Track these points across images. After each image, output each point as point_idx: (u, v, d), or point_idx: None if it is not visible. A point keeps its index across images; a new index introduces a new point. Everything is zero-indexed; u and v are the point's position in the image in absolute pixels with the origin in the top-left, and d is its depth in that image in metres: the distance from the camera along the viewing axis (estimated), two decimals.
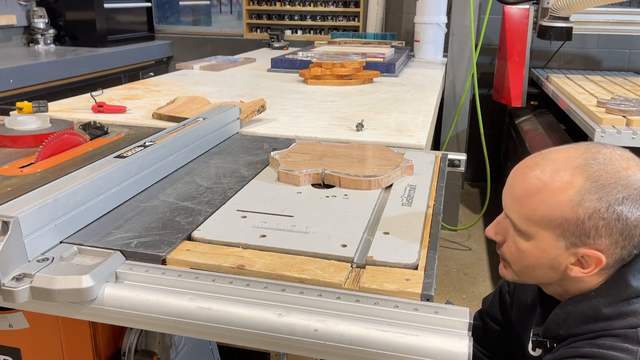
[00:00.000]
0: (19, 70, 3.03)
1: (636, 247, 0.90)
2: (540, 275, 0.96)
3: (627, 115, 2.17)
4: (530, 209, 0.91)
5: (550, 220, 0.89)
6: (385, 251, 0.85)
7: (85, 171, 0.97)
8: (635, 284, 0.90)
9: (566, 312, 0.95)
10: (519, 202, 0.93)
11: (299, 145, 1.36)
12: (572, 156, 0.90)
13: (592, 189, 0.86)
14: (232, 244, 0.87)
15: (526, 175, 0.93)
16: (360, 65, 2.47)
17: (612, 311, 0.89)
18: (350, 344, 0.69)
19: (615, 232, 0.87)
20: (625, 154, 0.91)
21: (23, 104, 1.47)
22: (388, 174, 1.14)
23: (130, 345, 1.08)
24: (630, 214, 0.86)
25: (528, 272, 0.97)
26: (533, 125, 3.23)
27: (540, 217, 0.90)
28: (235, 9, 4.88)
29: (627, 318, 0.88)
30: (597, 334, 0.89)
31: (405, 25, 4.16)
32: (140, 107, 1.87)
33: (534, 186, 0.91)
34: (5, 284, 0.74)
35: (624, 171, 0.88)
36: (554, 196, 0.88)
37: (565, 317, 0.94)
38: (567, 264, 0.92)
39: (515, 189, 0.94)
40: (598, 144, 0.93)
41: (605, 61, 3.91)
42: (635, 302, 0.89)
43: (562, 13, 2.95)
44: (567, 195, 0.87)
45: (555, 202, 0.88)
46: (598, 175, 0.87)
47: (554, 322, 0.96)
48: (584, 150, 0.91)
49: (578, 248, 0.89)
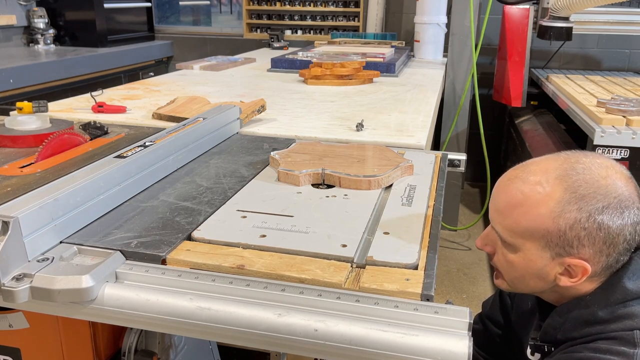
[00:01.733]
0: (19, 70, 3.03)
1: (623, 253, 0.90)
2: (531, 285, 0.96)
3: (627, 115, 2.17)
4: (513, 221, 0.92)
5: (533, 232, 0.90)
6: (385, 251, 0.85)
7: (85, 171, 0.97)
8: (630, 286, 0.90)
9: (563, 316, 0.95)
10: (502, 214, 0.94)
11: (299, 145, 1.36)
12: (551, 167, 0.91)
13: (571, 200, 0.87)
14: (232, 244, 0.87)
15: (508, 187, 0.94)
16: (360, 65, 2.47)
17: (608, 314, 0.89)
18: (350, 344, 0.69)
19: (598, 241, 0.87)
20: (605, 162, 0.91)
21: (23, 104, 1.47)
22: (388, 174, 1.14)
23: (130, 345, 1.08)
24: (611, 223, 0.87)
25: (520, 282, 0.97)
26: (533, 125, 3.23)
27: (524, 229, 0.91)
28: (235, 9, 4.88)
29: (624, 321, 0.88)
30: (593, 337, 0.89)
31: (405, 25, 4.17)
32: (140, 107, 1.87)
33: (516, 199, 0.91)
34: (5, 284, 0.74)
35: (603, 180, 0.88)
36: (535, 208, 0.89)
37: (562, 321, 0.95)
38: (555, 273, 0.92)
39: (498, 202, 0.95)
40: (578, 153, 0.94)
41: (605, 61, 3.91)
42: (632, 304, 0.89)
43: (562, 13, 2.95)
44: (548, 207, 0.88)
45: (537, 213, 0.89)
46: (577, 185, 0.88)
47: (551, 327, 0.96)
48: (563, 161, 0.92)
49: (563, 258, 0.90)
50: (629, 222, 0.87)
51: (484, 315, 1.30)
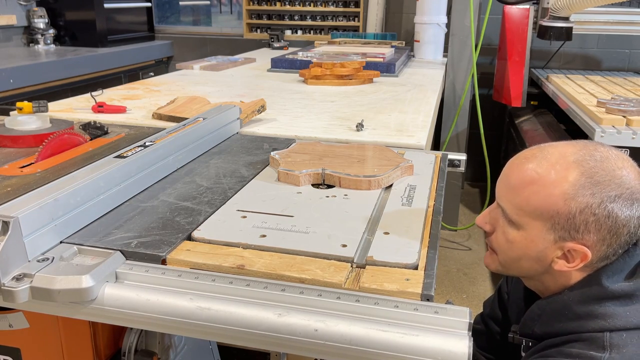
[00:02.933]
0: (19, 70, 3.03)
1: (622, 246, 0.91)
2: (525, 266, 0.97)
3: (627, 115, 2.17)
4: (523, 198, 0.92)
5: (542, 212, 0.90)
6: (385, 251, 0.85)
7: (85, 171, 0.97)
8: (607, 284, 0.90)
9: (540, 308, 0.96)
10: (513, 191, 0.94)
11: (299, 145, 1.36)
12: (569, 151, 0.92)
13: (586, 184, 0.88)
14: (232, 244, 0.87)
15: (523, 166, 0.94)
16: (360, 65, 2.47)
17: (583, 310, 0.90)
18: (350, 344, 0.69)
19: (604, 229, 0.88)
20: (621, 155, 0.93)
21: (23, 104, 1.47)
22: (388, 174, 1.14)
23: (130, 345, 1.08)
24: (620, 212, 0.87)
25: (513, 263, 0.98)
26: (533, 125, 3.23)
27: (533, 207, 0.91)
28: (235, 9, 4.88)
29: (596, 320, 0.88)
30: (567, 338, 0.90)
31: (405, 25, 4.17)
32: (140, 107, 1.87)
33: (530, 177, 0.92)
34: (5, 284, 0.74)
35: (619, 170, 0.89)
36: (549, 188, 0.90)
37: (539, 313, 0.96)
38: (553, 257, 0.93)
39: (511, 179, 0.95)
40: (596, 143, 0.95)
41: (605, 61, 3.91)
42: (606, 304, 0.89)
43: (562, 13, 2.95)
44: (562, 188, 0.89)
45: (549, 193, 0.89)
46: (594, 171, 0.88)
47: (529, 319, 0.97)
48: (582, 147, 0.92)
49: (566, 242, 0.90)
50: (636, 215, 0.89)
51: (486, 315, 1.31)
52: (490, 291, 2.84)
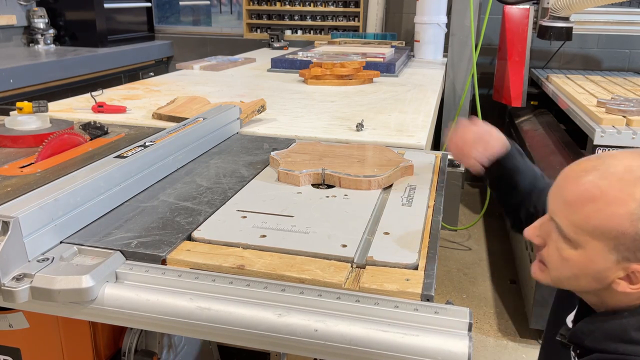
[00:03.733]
0: (19, 70, 3.03)
1: None
2: (581, 284, 0.91)
3: (627, 115, 2.16)
4: (582, 216, 0.84)
5: (605, 232, 0.82)
6: (385, 251, 0.85)
7: (85, 171, 0.97)
8: None
9: (595, 325, 0.90)
10: (571, 207, 0.85)
11: (299, 145, 1.36)
12: (635, 165, 0.83)
13: None
14: (232, 244, 0.87)
15: (582, 179, 0.85)
16: (360, 65, 2.47)
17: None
18: (350, 344, 0.69)
19: None
20: None
21: (23, 104, 1.47)
22: (388, 174, 1.14)
23: (130, 345, 1.08)
24: None
25: (568, 280, 0.92)
26: (533, 125, 3.23)
27: (594, 227, 0.83)
28: (235, 9, 4.88)
29: None
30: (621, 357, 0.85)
31: (405, 25, 4.16)
32: (140, 107, 1.87)
33: (590, 193, 0.83)
34: (5, 284, 0.74)
35: None
36: (612, 207, 0.81)
37: (592, 330, 0.90)
38: (615, 277, 0.86)
39: (567, 193, 0.87)
40: None
41: (605, 61, 3.91)
42: None
43: (562, 13, 2.95)
44: (628, 208, 0.81)
45: (613, 213, 0.81)
46: None
47: (580, 332, 0.93)
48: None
49: (630, 263, 0.84)
50: None
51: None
52: (491, 291, 2.84)
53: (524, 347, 1.21)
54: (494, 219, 3.64)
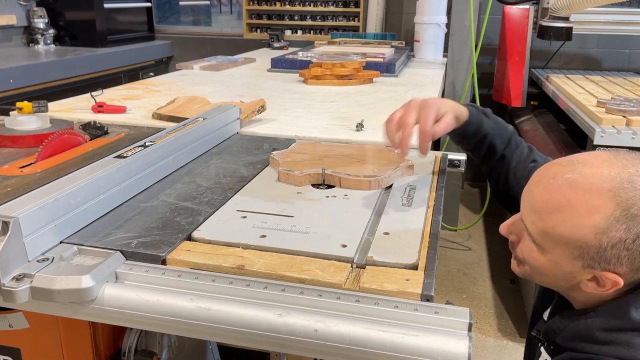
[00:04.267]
0: (19, 70, 3.03)
1: None
2: (551, 282, 0.93)
3: (627, 115, 2.16)
4: (549, 225, 0.85)
5: (569, 241, 0.83)
6: (385, 251, 0.85)
7: (85, 171, 0.97)
8: (636, 317, 0.84)
9: (563, 324, 0.92)
10: (538, 214, 0.87)
11: (298, 145, 1.36)
12: (605, 175, 0.82)
13: (621, 218, 0.79)
14: (232, 244, 0.87)
15: (551, 187, 0.85)
16: (360, 65, 2.47)
17: (605, 337, 0.85)
18: (350, 344, 0.69)
19: (638, 261, 0.82)
20: None
21: (23, 104, 1.47)
22: (388, 174, 1.14)
23: (130, 345, 1.08)
24: None
25: (539, 277, 0.93)
26: (533, 125, 3.23)
27: (559, 236, 0.84)
28: (235, 9, 4.88)
29: (617, 346, 0.84)
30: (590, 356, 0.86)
31: (405, 25, 4.16)
32: (140, 107, 1.87)
33: (558, 203, 0.83)
34: (5, 284, 0.74)
35: None
36: (578, 218, 0.82)
37: (561, 328, 0.92)
38: (583, 279, 0.87)
39: (536, 200, 0.87)
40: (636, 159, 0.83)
41: (605, 61, 3.91)
42: (631, 335, 0.84)
43: (562, 13, 2.95)
44: (593, 221, 0.81)
45: (579, 224, 0.82)
46: (631, 203, 0.79)
47: (552, 329, 0.95)
48: (621, 169, 0.82)
49: (595, 270, 0.85)
50: None
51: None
52: (491, 291, 2.84)
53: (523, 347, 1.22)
54: (494, 219, 3.64)
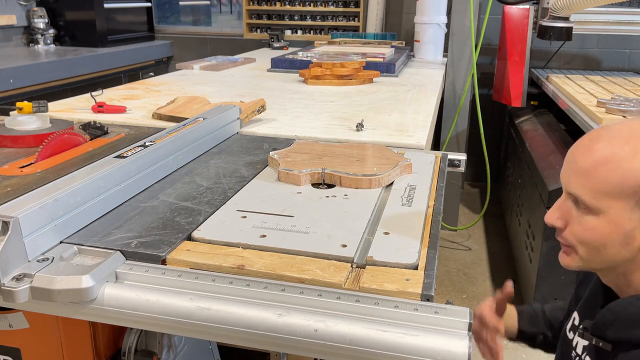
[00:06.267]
0: (19, 70, 3.03)
1: None
2: (611, 253, 0.89)
3: (627, 115, 2.16)
4: (599, 180, 0.85)
5: (624, 189, 0.83)
6: (385, 251, 0.85)
7: (85, 171, 0.97)
8: None
9: (614, 313, 0.90)
10: (586, 175, 0.87)
11: (297, 145, 1.36)
12: (636, 125, 0.86)
13: None
14: (232, 244, 0.87)
15: (592, 147, 0.87)
16: (360, 65, 2.47)
17: None
18: (350, 344, 0.69)
19: None
20: None
21: (23, 104, 1.47)
22: (388, 173, 1.14)
23: (130, 345, 1.08)
24: None
25: (597, 254, 0.90)
26: (533, 125, 3.23)
27: (612, 186, 0.84)
28: (235, 9, 4.88)
29: None
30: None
31: (405, 25, 4.16)
32: (140, 107, 1.87)
33: (602, 157, 0.85)
34: (5, 284, 0.74)
35: None
36: (626, 163, 0.83)
37: (613, 319, 0.89)
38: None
39: (580, 163, 0.88)
40: None
41: (605, 61, 3.91)
42: None
43: (562, 13, 2.95)
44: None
45: (628, 167, 0.83)
46: None
47: (602, 323, 0.91)
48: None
49: None
50: None
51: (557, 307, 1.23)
52: (490, 291, 2.84)
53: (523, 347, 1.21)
54: (494, 219, 3.64)
